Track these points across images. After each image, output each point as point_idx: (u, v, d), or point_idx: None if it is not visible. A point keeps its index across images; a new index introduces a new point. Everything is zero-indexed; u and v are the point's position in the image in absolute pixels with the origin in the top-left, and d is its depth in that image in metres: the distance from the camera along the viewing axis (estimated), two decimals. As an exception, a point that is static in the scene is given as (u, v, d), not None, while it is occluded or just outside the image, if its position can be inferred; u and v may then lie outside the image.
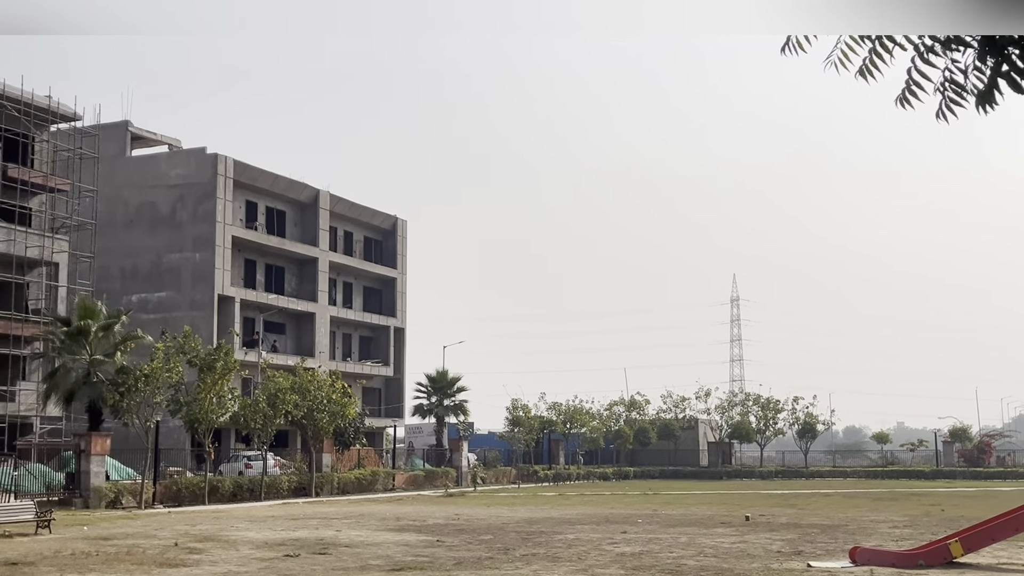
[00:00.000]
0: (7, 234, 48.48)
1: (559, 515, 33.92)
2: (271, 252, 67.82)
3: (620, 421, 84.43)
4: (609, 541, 23.39)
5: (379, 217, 78.28)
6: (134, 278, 63.10)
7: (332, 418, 47.67)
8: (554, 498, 47.73)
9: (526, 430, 69.93)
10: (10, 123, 50.22)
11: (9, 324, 48.32)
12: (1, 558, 19.45)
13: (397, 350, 78.37)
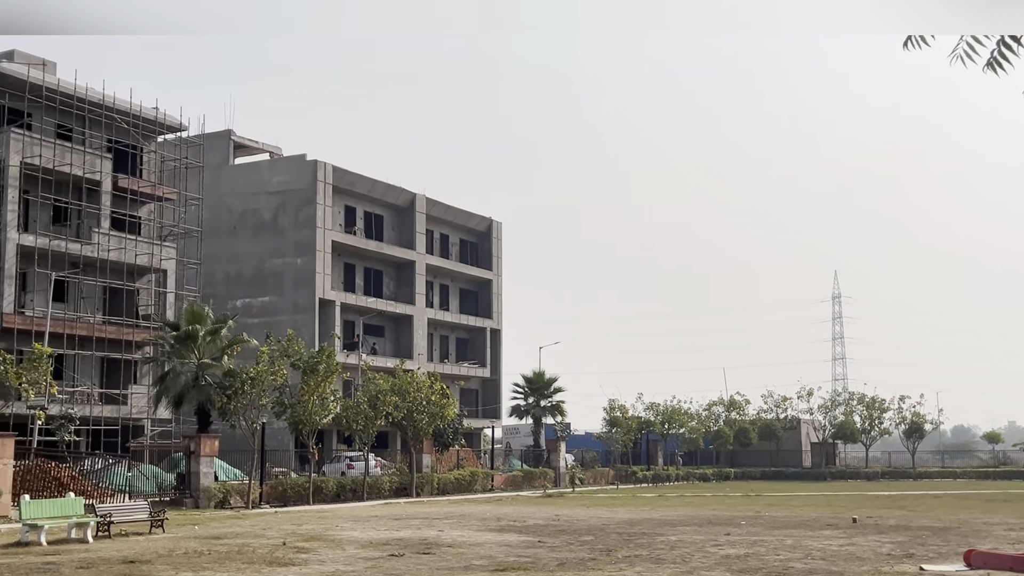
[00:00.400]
0: (119, 242, 50.15)
1: (660, 516, 33.69)
2: (370, 256, 68.83)
3: (719, 421, 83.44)
4: (712, 543, 23.15)
5: (474, 219, 78.80)
6: (238, 283, 64.69)
7: (431, 419, 48.14)
8: (654, 499, 47.42)
9: (624, 431, 69.60)
10: (120, 135, 51.96)
11: (121, 330, 49.99)
12: (119, 556, 20.13)
13: (493, 351, 78.79)
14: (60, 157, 47.99)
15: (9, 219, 45.89)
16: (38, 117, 48.61)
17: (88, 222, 49.94)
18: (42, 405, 39.33)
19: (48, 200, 48.29)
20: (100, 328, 49.08)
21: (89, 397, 48.15)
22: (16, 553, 21.11)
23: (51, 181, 47.64)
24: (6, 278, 45.68)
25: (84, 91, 49.65)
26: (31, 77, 47.14)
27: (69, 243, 48.05)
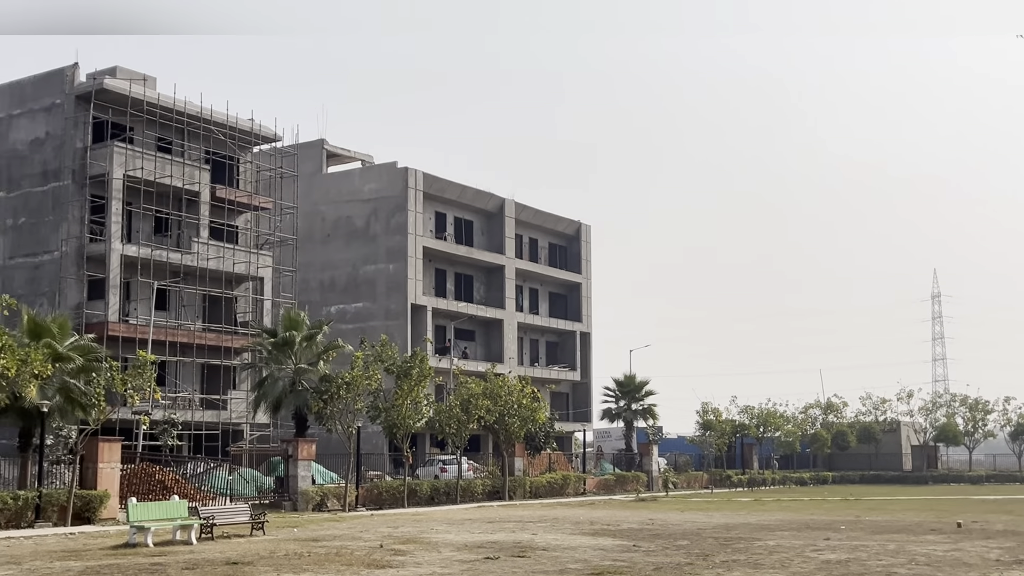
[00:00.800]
0: (217, 251, 51.42)
1: (756, 521, 33.26)
2: (460, 261, 69.36)
3: (816, 424, 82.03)
4: (812, 548, 22.79)
5: (563, 223, 78.82)
6: (332, 290, 65.78)
7: (523, 423, 48.30)
8: (750, 503, 46.81)
9: (717, 434, 68.86)
10: (217, 146, 53.30)
11: (220, 336, 51.24)
12: (223, 558, 20.65)
13: (583, 354, 78.69)
14: (161, 169, 49.43)
15: (114, 230, 47.41)
16: (139, 131, 50.13)
17: (188, 232, 51.32)
18: (146, 411, 40.51)
19: (150, 211, 49.77)
20: (200, 335, 50.37)
21: (190, 402, 49.46)
22: (125, 554, 21.80)
23: (152, 193, 49.09)
24: (111, 288, 47.18)
25: (183, 104, 51.06)
26: (132, 92, 48.63)
27: (170, 253, 49.43)
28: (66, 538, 26.16)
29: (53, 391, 31.15)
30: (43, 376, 29.16)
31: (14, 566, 19.09)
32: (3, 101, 50.90)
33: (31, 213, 49.06)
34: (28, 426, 32.26)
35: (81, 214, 47.87)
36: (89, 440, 32.21)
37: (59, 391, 31.39)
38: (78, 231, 47.67)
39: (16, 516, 29.10)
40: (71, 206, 47.69)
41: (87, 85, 48.53)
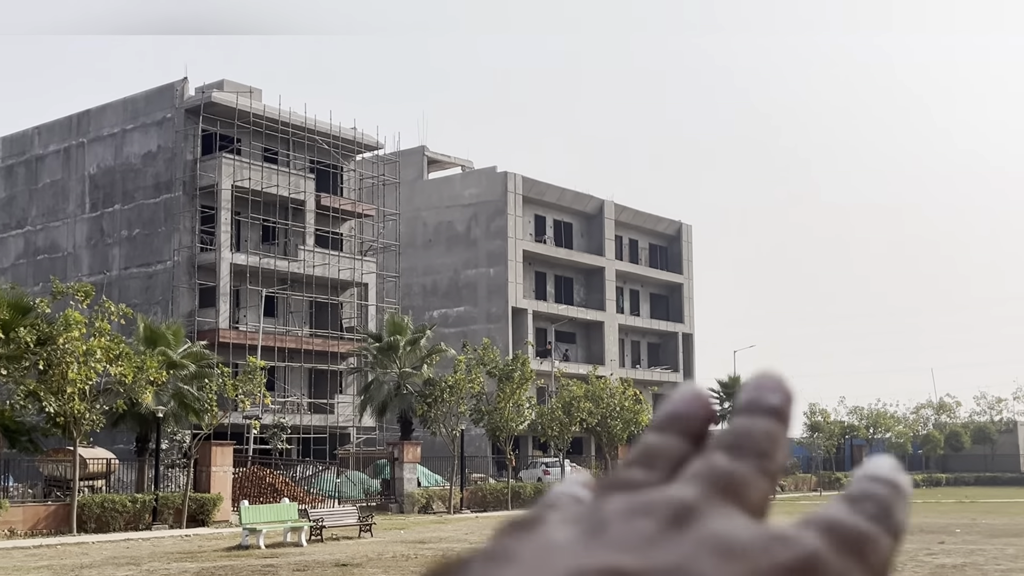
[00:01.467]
0: (323, 259, 52.45)
1: (867, 524, 32.50)
2: (560, 264, 69.40)
3: (928, 425, 79.80)
4: (926, 552, 22.19)
5: (663, 223, 78.19)
6: (434, 294, 66.49)
7: (626, 425, 48.10)
8: (860, 506, 45.75)
9: (826, 436, 67.49)
10: (321, 155, 54.40)
11: (327, 342, 52.23)
12: (332, 559, 21.04)
13: (686, 356, 77.90)
14: (267, 179, 50.65)
15: (223, 240, 48.75)
16: (246, 142, 51.45)
17: (294, 240, 52.46)
18: (257, 415, 41.48)
19: (257, 220, 51.04)
20: (307, 341, 51.41)
21: (299, 407, 50.50)
22: (238, 556, 22.39)
23: (259, 202, 50.35)
24: (221, 295, 48.51)
25: (287, 115, 52.24)
26: (239, 105, 49.94)
27: (277, 260, 50.59)
28: (182, 540, 26.99)
29: (168, 397, 32.18)
30: (158, 383, 30.17)
31: (133, 567, 19.79)
32: (117, 116, 52.81)
33: (144, 224, 50.75)
34: (144, 431, 33.42)
35: (192, 224, 49.34)
36: (202, 444, 33.15)
37: (173, 397, 32.42)
38: (189, 241, 49.13)
39: (134, 518, 30.13)
40: (182, 217, 49.19)
41: (196, 99, 50.01)
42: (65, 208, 54.45)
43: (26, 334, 27.62)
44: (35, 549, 24.94)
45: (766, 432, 0.43)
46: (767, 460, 0.42)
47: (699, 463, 0.42)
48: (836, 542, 0.38)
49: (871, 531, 0.39)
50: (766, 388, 0.45)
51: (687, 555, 0.36)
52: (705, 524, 0.38)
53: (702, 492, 0.40)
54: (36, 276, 52.70)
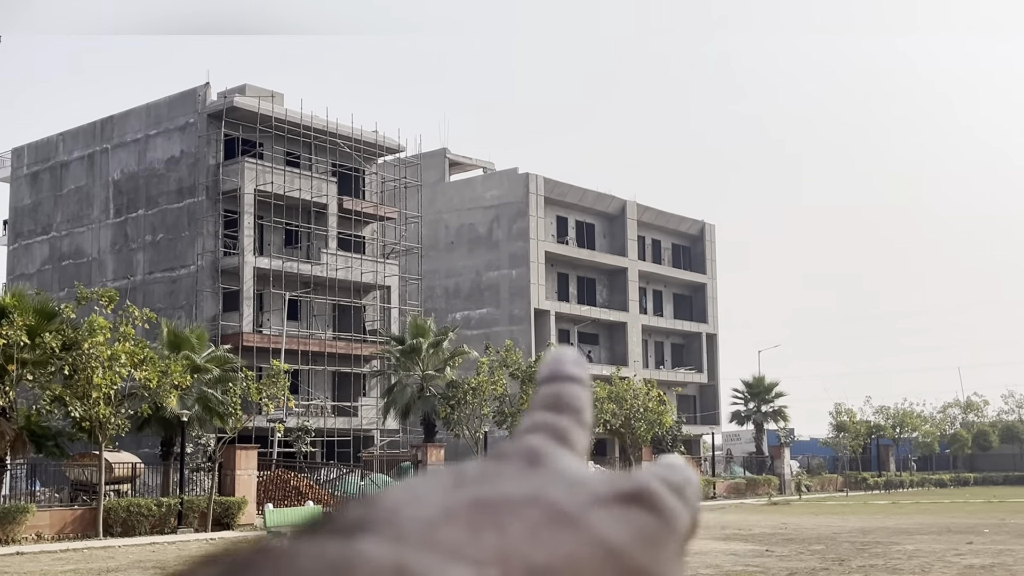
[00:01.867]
0: (345, 262, 52.59)
1: (894, 524, 32.25)
2: (582, 265, 69.30)
3: (955, 424, 79.14)
4: (954, 552, 21.97)
5: (686, 223, 77.92)
6: (457, 296, 66.53)
7: (649, 426, 47.99)
8: (887, 506, 45.43)
9: (852, 436, 67.06)
10: (343, 159, 54.56)
11: (350, 345, 52.35)
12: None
13: (710, 356, 77.57)
14: (289, 183, 50.83)
15: (246, 244, 48.97)
16: (268, 146, 51.66)
17: (317, 243, 52.62)
18: (281, 419, 41.61)
19: (280, 224, 51.24)
20: (331, 344, 51.55)
21: (322, 410, 50.64)
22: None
23: (282, 206, 50.55)
24: (245, 299, 48.72)
25: (309, 119, 52.42)
26: (261, 109, 50.16)
27: (300, 264, 50.77)
28: (207, 543, 27.08)
29: (192, 401, 32.33)
30: (183, 387, 30.31)
31: (159, 570, 19.86)
32: (140, 122, 53.16)
33: (168, 229, 51.05)
34: (169, 435, 33.57)
35: (215, 229, 49.58)
36: (227, 448, 33.29)
37: (198, 401, 32.57)
38: (212, 245, 49.38)
39: (160, 522, 30.28)
40: (205, 221, 49.44)
41: (218, 104, 50.26)
42: (90, 214, 54.85)
43: (51, 339, 27.81)
44: (62, 553, 25.10)
45: (574, 394, 0.48)
46: (580, 414, 0.47)
47: (527, 419, 0.47)
48: (664, 483, 0.42)
49: (690, 476, 0.44)
50: (566, 361, 0.50)
51: (541, 485, 0.40)
52: (553, 463, 0.43)
53: (543, 439, 0.45)
54: (61, 282, 53.10)
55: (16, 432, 28.67)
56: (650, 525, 0.39)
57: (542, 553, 0.36)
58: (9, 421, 28.47)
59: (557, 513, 0.38)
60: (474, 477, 0.41)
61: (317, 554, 0.35)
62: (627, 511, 0.39)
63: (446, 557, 0.35)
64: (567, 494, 0.39)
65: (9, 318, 27.59)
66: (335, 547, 0.35)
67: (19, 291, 29.93)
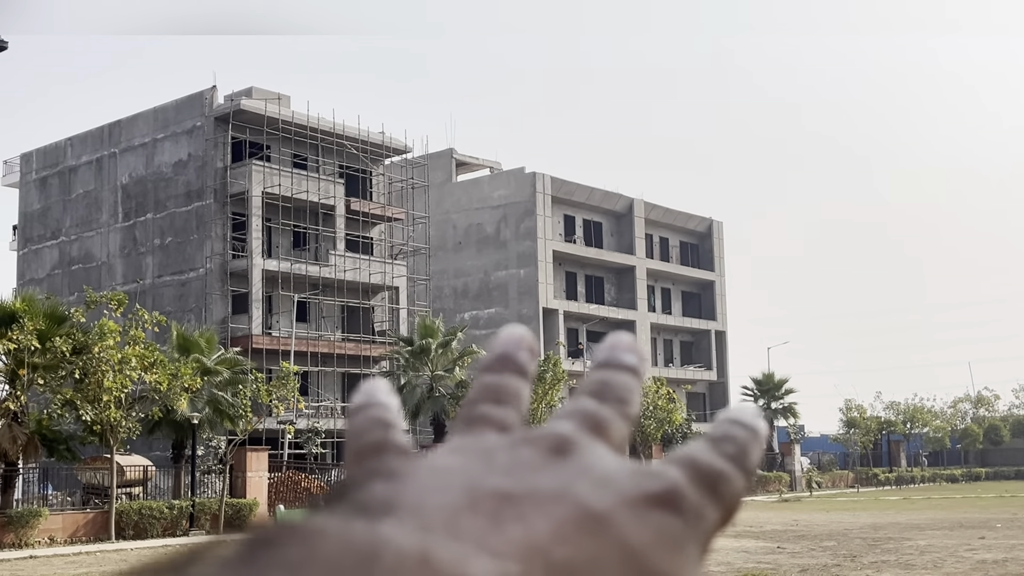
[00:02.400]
0: (354, 263, 52.64)
1: (906, 520, 32.19)
2: (590, 263, 69.29)
3: (966, 419, 78.94)
4: (966, 547, 21.92)
5: (694, 221, 77.85)
6: (465, 296, 66.58)
7: (659, 424, 48.01)
8: (898, 502, 45.34)
9: (862, 432, 66.93)
10: (350, 160, 54.62)
11: (359, 346, 52.42)
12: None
13: (719, 353, 77.49)
14: (297, 185, 50.91)
15: (254, 246, 49.06)
16: (276, 148, 51.74)
17: (325, 245, 52.70)
18: (291, 420, 41.70)
19: (288, 226, 51.33)
20: (340, 345, 51.61)
21: (333, 411, 50.71)
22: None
23: (290, 208, 50.64)
24: (254, 302, 48.81)
25: (316, 121, 52.49)
26: (268, 112, 50.25)
27: (308, 266, 50.84)
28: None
29: (202, 403, 32.41)
30: (193, 389, 30.39)
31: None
32: (148, 126, 53.30)
33: (177, 233, 51.18)
34: (180, 438, 33.66)
35: (223, 232, 49.69)
36: (237, 450, 33.36)
37: (208, 403, 32.65)
38: (221, 248, 49.48)
39: (172, 524, 30.37)
40: (214, 224, 49.55)
41: (225, 107, 50.37)
42: (98, 218, 55.01)
43: (62, 343, 27.93)
44: (74, 556, 25.20)
45: (623, 383, 0.48)
46: (626, 406, 0.47)
47: (569, 404, 0.47)
48: (695, 478, 0.42)
49: (726, 469, 0.43)
50: (620, 348, 0.50)
51: (567, 481, 0.39)
52: (582, 456, 0.42)
53: (576, 428, 0.44)
54: (71, 286, 53.27)
55: (28, 436, 28.79)
56: (674, 528, 0.39)
57: (564, 551, 0.36)
58: (21, 425, 28.58)
59: (582, 511, 0.38)
60: (502, 465, 0.41)
61: (342, 535, 0.35)
62: (652, 513, 0.39)
63: (470, 548, 0.35)
64: (594, 492, 0.39)
65: (20, 323, 27.70)
66: (360, 529, 0.35)
67: (29, 296, 30.04)
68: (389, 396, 0.49)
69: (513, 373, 0.49)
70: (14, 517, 27.91)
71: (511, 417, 0.46)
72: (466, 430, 0.45)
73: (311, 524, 0.36)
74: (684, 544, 0.39)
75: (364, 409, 0.48)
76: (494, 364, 0.49)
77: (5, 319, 28.14)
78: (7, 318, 28.14)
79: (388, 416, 0.47)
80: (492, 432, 0.45)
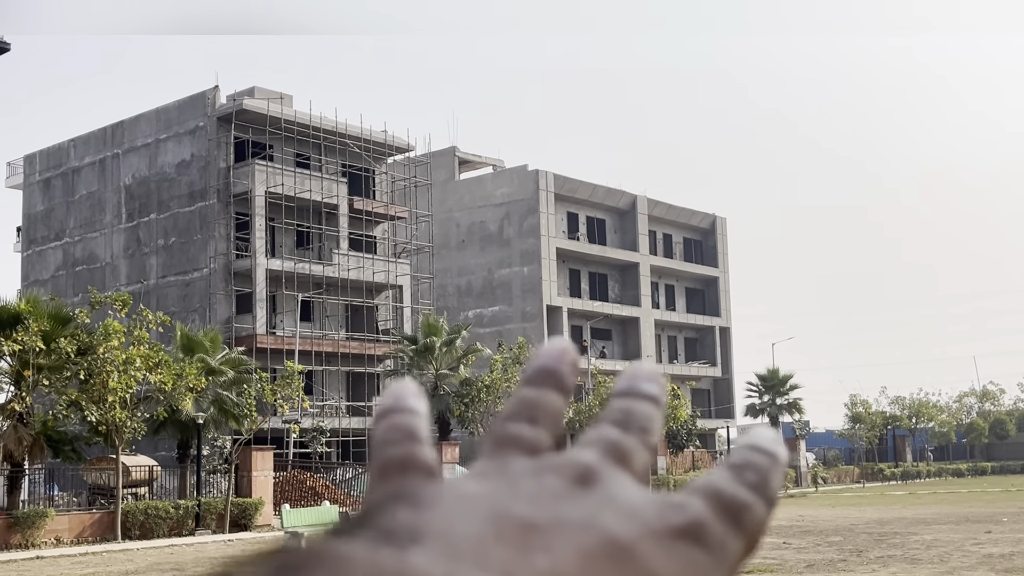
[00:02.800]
0: (357, 262, 52.65)
1: (912, 515, 32.15)
2: (593, 260, 69.25)
3: (972, 413, 78.85)
4: (972, 541, 21.89)
5: (697, 217, 77.78)
6: (469, 294, 66.56)
7: (664, 421, 47.92)
8: (904, 497, 45.30)
9: (867, 427, 66.88)
10: (353, 159, 54.62)
11: (363, 345, 52.42)
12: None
13: (724, 350, 77.43)
14: (300, 184, 50.92)
15: (258, 246, 49.08)
16: (278, 148, 51.74)
17: (328, 244, 52.70)
18: (296, 419, 41.74)
19: (291, 226, 51.34)
20: (344, 344, 51.62)
21: (337, 410, 50.74)
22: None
23: (293, 208, 50.65)
24: (258, 301, 48.83)
25: (319, 120, 52.48)
26: (270, 111, 50.26)
27: (312, 265, 50.85)
28: (225, 545, 27.20)
29: (207, 403, 32.44)
30: (197, 389, 30.42)
31: (177, 572, 19.94)
32: (151, 127, 53.33)
33: (180, 233, 51.21)
34: (185, 438, 33.69)
35: (227, 232, 49.71)
36: (243, 450, 33.40)
37: (213, 403, 32.67)
38: (225, 248, 49.50)
39: (178, 524, 30.41)
40: (217, 224, 49.57)
41: (228, 107, 50.38)
42: (102, 219, 55.06)
43: (66, 344, 27.96)
44: (81, 557, 25.23)
45: (646, 413, 0.48)
46: (648, 435, 0.47)
47: (592, 433, 0.46)
48: (718, 509, 0.41)
49: (749, 499, 0.43)
50: (642, 377, 0.49)
51: (593, 512, 0.39)
52: (606, 486, 0.42)
53: (600, 457, 0.44)
54: (75, 287, 53.34)
55: (33, 437, 28.84)
56: (699, 560, 0.39)
57: None
58: (27, 426, 28.63)
59: (609, 542, 0.38)
60: (527, 493, 0.40)
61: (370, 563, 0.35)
62: (677, 545, 0.39)
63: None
64: (620, 523, 0.39)
65: (24, 324, 27.74)
66: (388, 557, 0.35)
67: (33, 297, 30.08)
68: (418, 400, 0.49)
69: (553, 389, 0.48)
70: (20, 518, 27.96)
71: (543, 440, 0.46)
72: (495, 452, 0.45)
73: (338, 549, 0.35)
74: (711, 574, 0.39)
75: (391, 414, 0.47)
76: (535, 378, 0.48)
77: (10, 321, 28.19)
78: (12, 320, 28.19)
79: (415, 425, 0.46)
80: (520, 456, 0.44)
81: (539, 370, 0.48)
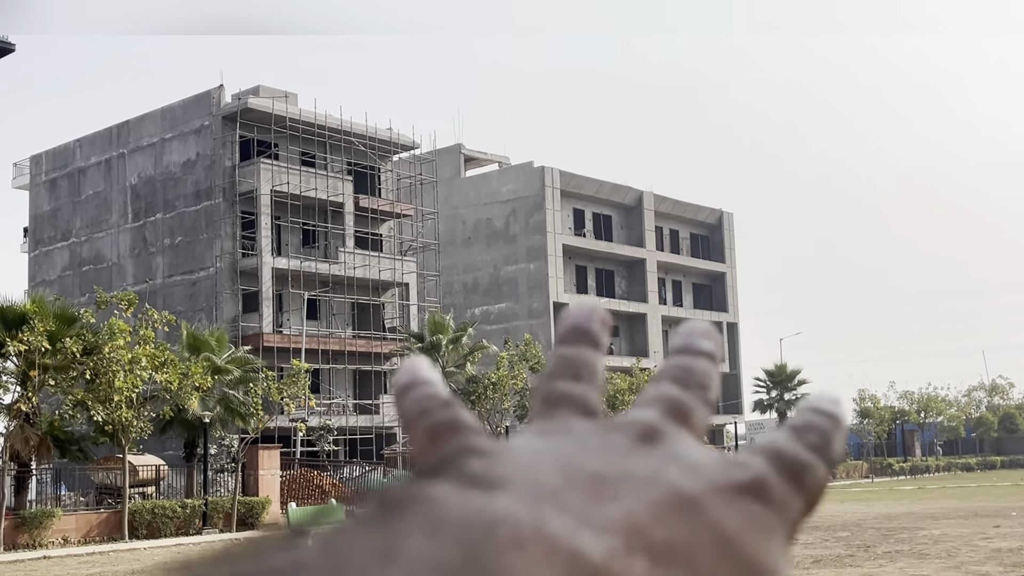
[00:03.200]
0: (363, 260, 52.65)
1: (921, 510, 32.03)
2: (600, 257, 69.16)
3: (981, 407, 78.63)
4: (981, 536, 21.78)
5: (704, 212, 77.63)
6: (475, 292, 66.53)
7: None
8: (913, 492, 45.16)
9: (876, 421, 66.70)
10: (358, 157, 54.60)
11: (370, 343, 52.43)
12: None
13: (732, 345, 77.33)
14: (305, 183, 50.92)
15: (264, 245, 49.09)
16: (284, 146, 51.75)
17: (334, 242, 52.70)
18: (302, 418, 41.76)
19: (297, 224, 51.34)
20: (351, 342, 51.63)
21: (344, 408, 50.75)
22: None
23: (299, 206, 50.65)
24: (264, 300, 48.85)
25: (324, 119, 52.47)
26: (275, 110, 50.26)
27: (318, 263, 50.86)
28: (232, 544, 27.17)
29: (214, 402, 32.45)
30: (204, 388, 30.44)
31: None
32: (156, 126, 53.38)
33: (186, 232, 51.26)
34: (192, 437, 33.71)
35: (233, 230, 49.74)
36: (249, 448, 33.41)
37: (219, 402, 32.69)
38: (231, 247, 49.53)
39: (185, 523, 30.43)
40: (223, 223, 49.59)
41: (233, 106, 50.39)
42: (108, 219, 55.13)
43: (72, 344, 27.97)
44: (88, 556, 25.26)
45: (704, 369, 0.47)
46: (707, 392, 0.47)
47: (652, 390, 0.47)
48: (779, 468, 0.42)
49: (810, 460, 0.43)
50: (697, 334, 0.50)
51: (659, 467, 0.40)
52: (669, 443, 0.42)
53: (661, 415, 0.45)
54: (82, 287, 53.41)
55: (40, 437, 28.87)
56: (761, 516, 0.40)
57: (662, 532, 0.37)
58: (33, 427, 28.66)
59: (676, 495, 0.39)
60: (593, 448, 0.41)
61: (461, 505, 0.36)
62: (741, 500, 0.40)
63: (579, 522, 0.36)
64: (685, 477, 0.40)
65: (30, 324, 27.77)
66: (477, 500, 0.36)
67: (39, 297, 30.11)
68: (433, 373, 0.49)
69: (588, 345, 0.49)
70: (28, 518, 28.01)
71: (591, 396, 0.47)
72: (548, 411, 0.46)
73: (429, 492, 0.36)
74: (772, 532, 0.40)
75: (414, 387, 0.48)
76: (568, 336, 0.49)
77: (16, 321, 28.22)
78: (18, 320, 28.22)
79: (443, 393, 0.47)
80: (575, 414, 0.45)
81: (571, 329, 0.49)
